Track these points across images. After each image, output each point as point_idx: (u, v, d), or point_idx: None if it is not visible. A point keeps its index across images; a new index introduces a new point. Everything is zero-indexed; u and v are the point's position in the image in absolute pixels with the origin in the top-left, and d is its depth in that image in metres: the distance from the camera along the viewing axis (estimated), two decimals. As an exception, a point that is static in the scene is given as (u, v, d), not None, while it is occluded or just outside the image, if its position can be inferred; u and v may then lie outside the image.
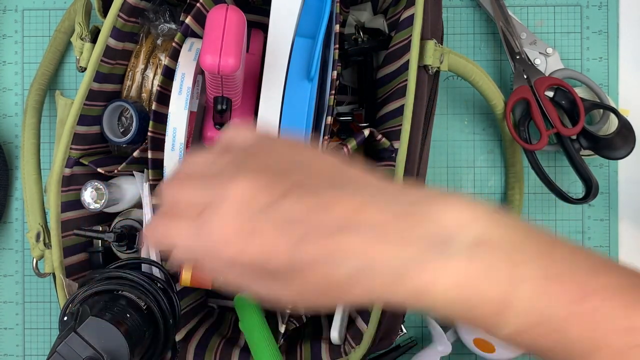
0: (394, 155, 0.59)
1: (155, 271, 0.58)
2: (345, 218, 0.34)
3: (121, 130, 0.65)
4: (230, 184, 0.35)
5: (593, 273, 0.35)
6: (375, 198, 0.35)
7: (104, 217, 0.66)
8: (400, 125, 0.58)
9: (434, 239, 0.34)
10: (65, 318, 0.51)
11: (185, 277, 0.56)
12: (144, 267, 0.59)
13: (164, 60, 0.62)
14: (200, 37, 0.59)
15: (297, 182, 0.35)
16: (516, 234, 0.35)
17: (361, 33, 0.65)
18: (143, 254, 0.60)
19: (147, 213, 0.60)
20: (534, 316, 0.35)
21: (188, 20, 0.58)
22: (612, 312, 0.34)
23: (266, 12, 0.58)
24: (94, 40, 0.61)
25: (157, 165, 0.59)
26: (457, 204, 0.35)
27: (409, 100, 0.57)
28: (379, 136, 0.60)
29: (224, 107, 0.52)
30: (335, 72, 0.57)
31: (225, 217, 0.34)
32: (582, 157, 0.70)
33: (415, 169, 0.59)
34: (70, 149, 0.60)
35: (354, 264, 0.34)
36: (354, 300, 0.36)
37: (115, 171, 0.62)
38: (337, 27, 0.59)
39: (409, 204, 0.35)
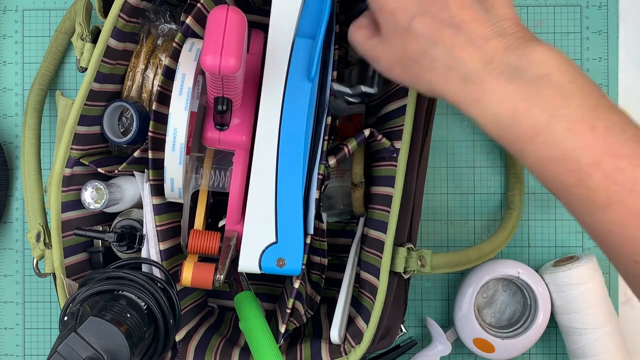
0: (395, 155, 0.59)
1: (156, 271, 0.58)
2: (463, 21, 0.44)
3: (121, 130, 0.65)
4: None
5: (635, 140, 0.40)
6: (492, 21, 0.44)
7: (104, 217, 0.67)
8: (401, 125, 0.58)
9: (511, 64, 0.42)
10: (66, 318, 0.51)
11: (186, 277, 0.56)
12: (144, 267, 0.59)
13: (165, 60, 0.62)
14: (201, 38, 0.59)
15: None
16: (578, 84, 0.41)
17: None
18: (143, 254, 0.60)
19: (147, 213, 0.60)
20: (561, 150, 0.40)
21: (188, 20, 0.58)
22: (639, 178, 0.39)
23: (266, 12, 0.58)
24: (94, 41, 0.61)
25: (158, 166, 0.59)
26: (546, 48, 0.42)
27: (411, 100, 0.57)
28: (379, 136, 0.60)
29: (225, 107, 0.52)
30: (335, 73, 0.57)
31: None
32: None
33: (416, 169, 0.59)
34: (71, 149, 0.60)
35: (443, 52, 0.44)
36: (425, 83, 0.46)
37: (116, 171, 0.62)
38: (337, 27, 0.59)
39: (512, 36, 0.43)
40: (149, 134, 0.58)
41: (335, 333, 0.60)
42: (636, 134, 0.40)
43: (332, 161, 0.59)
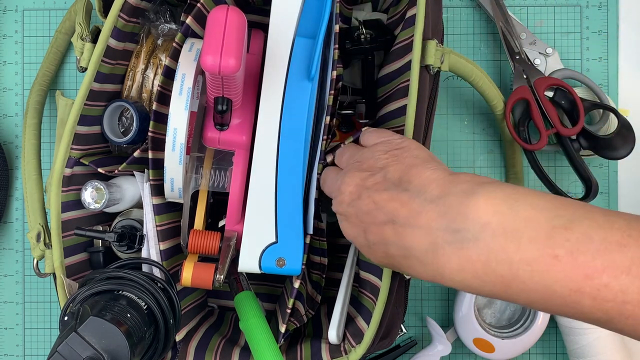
0: (394, 155, 0.59)
1: (156, 271, 0.58)
2: (394, 212, 0.45)
3: (122, 130, 0.65)
4: (344, 179, 0.50)
5: (604, 248, 0.37)
6: (414, 196, 0.45)
7: (104, 217, 0.67)
8: (402, 125, 0.58)
9: (450, 228, 0.42)
10: (66, 318, 0.51)
11: (186, 277, 0.56)
12: (144, 267, 0.59)
13: (165, 60, 0.62)
14: (201, 38, 0.59)
15: (375, 183, 0.48)
16: (521, 217, 0.40)
17: (364, 29, 0.65)
18: (143, 254, 0.60)
19: (147, 213, 0.60)
20: (539, 293, 0.39)
21: (188, 20, 0.58)
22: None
23: (266, 12, 0.58)
24: (94, 41, 0.61)
25: (158, 166, 0.59)
26: (477, 196, 0.42)
27: (412, 101, 0.57)
28: (379, 136, 0.60)
29: (225, 107, 0.52)
30: (335, 72, 0.57)
31: (338, 203, 0.51)
32: (582, 157, 0.70)
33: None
34: (71, 149, 0.60)
35: (396, 248, 0.46)
36: (406, 271, 0.47)
37: (116, 171, 0.62)
38: (337, 27, 0.59)
39: (439, 199, 0.43)
40: (149, 134, 0.58)
41: (333, 333, 0.60)
42: (605, 237, 0.37)
43: (329, 159, 0.59)
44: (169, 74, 0.58)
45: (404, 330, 0.73)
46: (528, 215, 0.39)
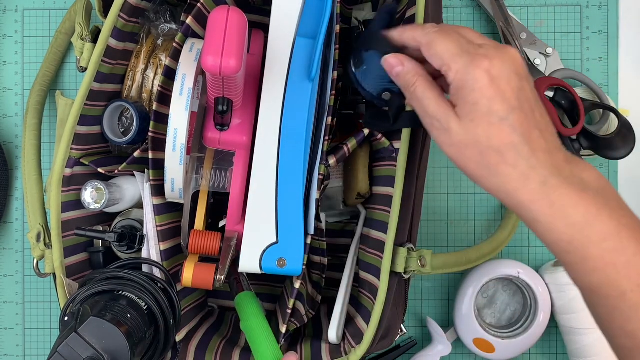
0: (394, 155, 0.59)
1: (156, 271, 0.58)
2: (544, 128, 0.46)
3: (122, 130, 0.65)
4: (506, 48, 0.46)
5: None
6: (555, 133, 0.47)
7: (104, 217, 0.67)
8: (401, 125, 0.58)
9: (576, 175, 0.46)
10: (66, 318, 0.51)
11: (186, 278, 0.56)
12: (145, 268, 0.59)
13: (165, 60, 0.62)
14: (201, 38, 0.59)
15: (531, 87, 0.47)
16: (620, 196, 0.47)
17: (364, 29, 0.65)
18: (144, 254, 0.60)
19: (147, 213, 0.60)
20: (625, 256, 0.44)
21: (189, 20, 0.58)
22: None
23: (267, 13, 0.58)
24: (94, 41, 0.61)
25: (158, 166, 0.59)
26: (589, 164, 0.47)
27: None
28: (379, 135, 0.60)
29: (225, 107, 0.52)
30: (335, 73, 0.57)
31: (501, 63, 0.45)
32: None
33: (416, 169, 0.59)
34: (71, 149, 0.60)
35: (530, 152, 0.45)
36: (499, 177, 0.46)
37: (116, 171, 0.62)
38: (337, 27, 0.59)
39: (565, 150, 0.47)
40: (149, 134, 0.58)
41: (333, 333, 0.60)
42: None
43: (332, 160, 0.59)
44: (169, 74, 0.58)
45: (404, 330, 0.73)
46: (619, 196, 0.47)
